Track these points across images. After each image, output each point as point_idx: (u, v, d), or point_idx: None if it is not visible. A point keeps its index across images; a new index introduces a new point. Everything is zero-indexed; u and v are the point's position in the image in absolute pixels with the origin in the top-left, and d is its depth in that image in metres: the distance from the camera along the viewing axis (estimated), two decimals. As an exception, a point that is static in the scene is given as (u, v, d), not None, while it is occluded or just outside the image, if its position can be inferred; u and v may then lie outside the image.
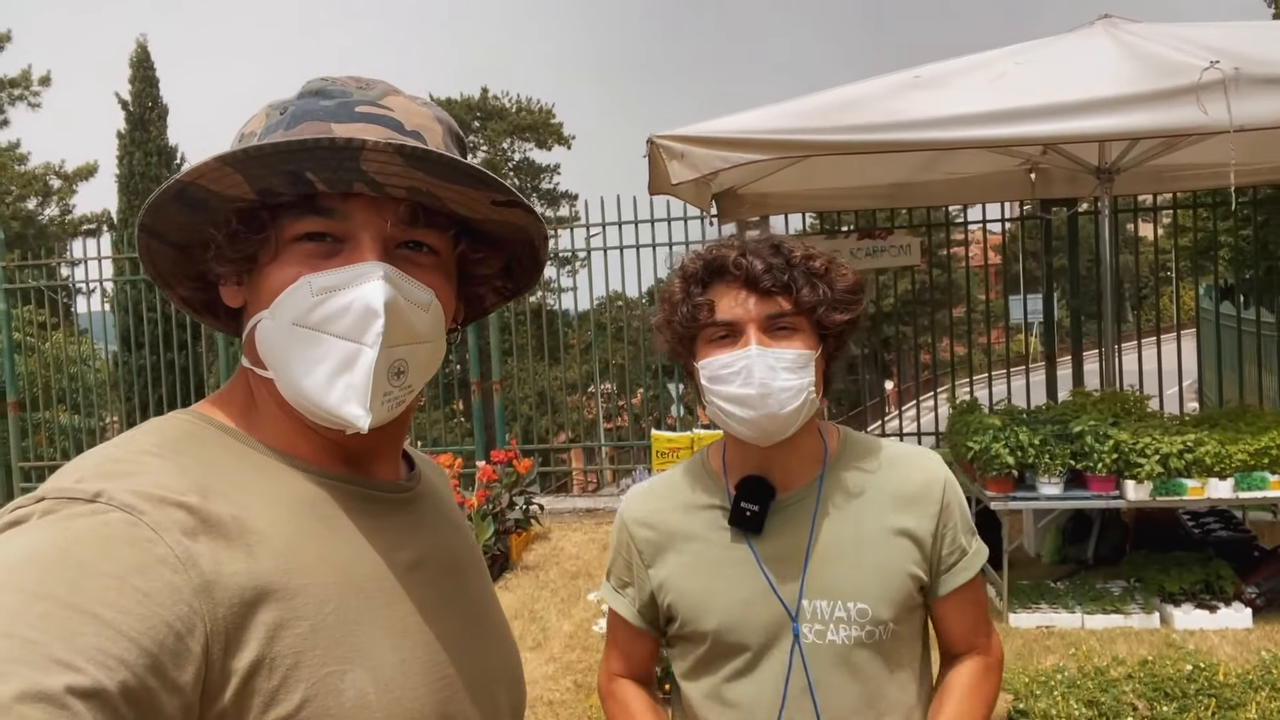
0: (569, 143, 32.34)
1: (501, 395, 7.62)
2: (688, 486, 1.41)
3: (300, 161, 0.71)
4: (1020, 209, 7.50)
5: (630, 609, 1.42)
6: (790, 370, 1.24)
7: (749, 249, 1.28)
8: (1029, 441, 4.29)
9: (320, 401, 0.75)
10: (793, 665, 1.28)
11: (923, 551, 1.32)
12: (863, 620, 1.28)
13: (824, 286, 1.27)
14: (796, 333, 1.27)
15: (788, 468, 1.34)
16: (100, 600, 0.58)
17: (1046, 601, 4.52)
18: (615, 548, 1.45)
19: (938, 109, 3.93)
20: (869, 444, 1.41)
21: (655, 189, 4.56)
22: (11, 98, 23.61)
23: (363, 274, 0.75)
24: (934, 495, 1.33)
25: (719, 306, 1.27)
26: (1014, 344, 8.85)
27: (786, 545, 1.31)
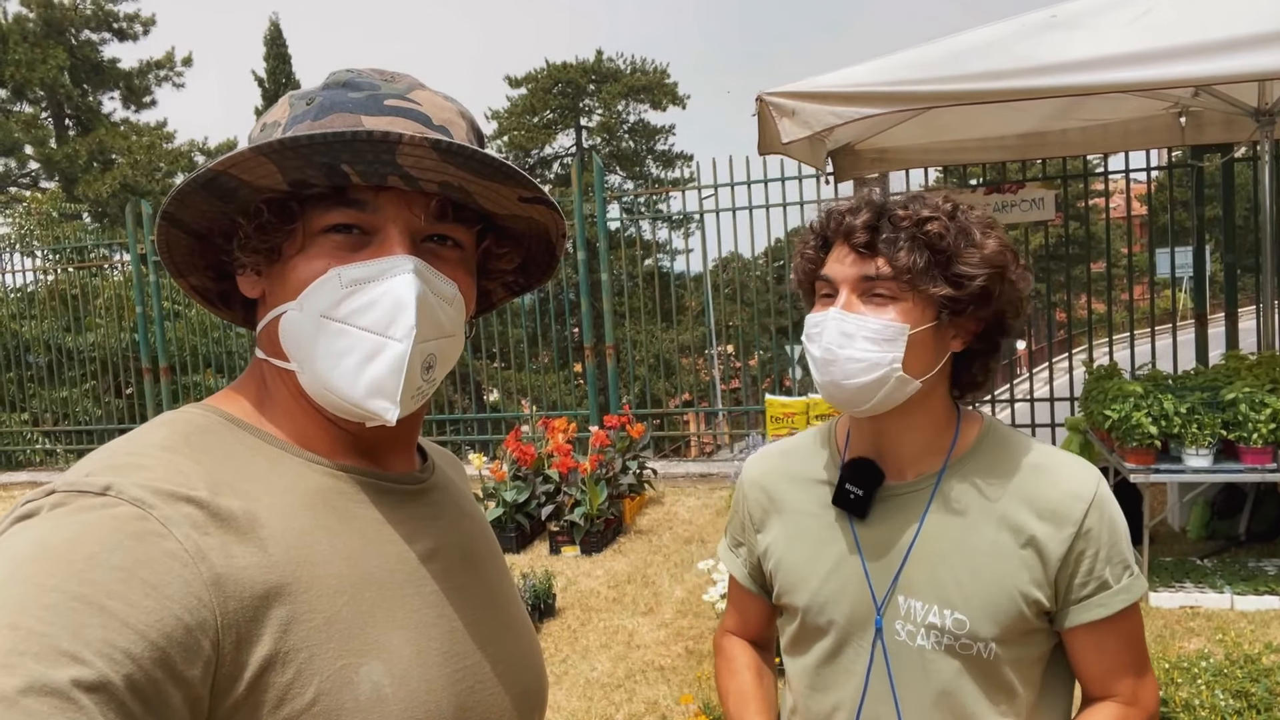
0: (684, 103, 32.00)
1: (615, 359, 7.65)
2: (807, 455, 1.36)
3: (336, 153, 0.71)
4: (1168, 156, 6.94)
5: (741, 570, 1.41)
6: (871, 341, 1.14)
7: (863, 204, 1.18)
8: (1174, 410, 3.98)
9: (348, 394, 0.75)
10: (874, 660, 1.21)
11: (1046, 573, 1.16)
12: (958, 632, 1.17)
13: (929, 253, 1.13)
14: (894, 302, 1.15)
15: (900, 453, 1.24)
16: (107, 593, 0.58)
17: (1192, 580, 4.23)
18: (733, 505, 1.43)
19: (1076, 51, 3.62)
20: (1013, 442, 1.25)
21: (765, 149, 4.41)
22: (158, 79, 25.15)
23: (393, 267, 0.75)
24: (1073, 515, 1.15)
25: (827, 262, 1.21)
26: (1160, 301, 8.26)
27: (890, 535, 1.23)
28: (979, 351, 1.23)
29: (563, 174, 30.90)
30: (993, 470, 1.21)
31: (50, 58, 22.63)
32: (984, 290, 1.15)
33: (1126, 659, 1.20)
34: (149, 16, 24.76)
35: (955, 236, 1.15)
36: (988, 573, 1.17)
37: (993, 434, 1.26)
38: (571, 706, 3.65)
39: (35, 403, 9.86)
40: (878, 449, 1.25)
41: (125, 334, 9.54)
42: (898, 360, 1.14)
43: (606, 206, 7.68)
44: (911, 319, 1.15)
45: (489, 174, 0.76)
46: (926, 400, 1.21)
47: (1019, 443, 1.25)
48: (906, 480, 1.24)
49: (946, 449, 1.24)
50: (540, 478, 5.87)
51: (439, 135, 0.76)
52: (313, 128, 0.74)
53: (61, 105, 24.39)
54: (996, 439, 1.25)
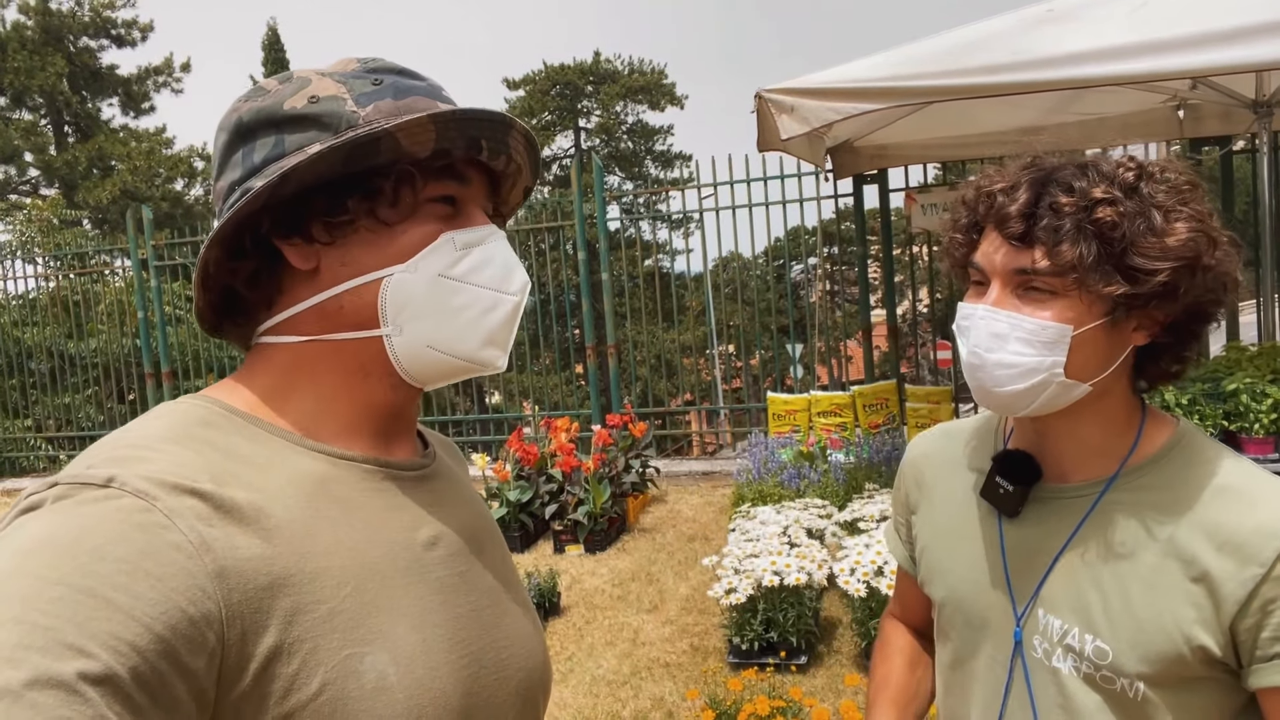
0: (682, 103, 32.01)
1: (617, 360, 7.66)
2: (969, 439, 1.24)
3: (481, 129, 0.80)
4: (1166, 149, 6.95)
5: (902, 551, 1.33)
6: (1026, 344, 0.99)
7: (1027, 179, 1.01)
8: (1175, 401, 3.99)
9: (461, 347, 0.82)
10: (1014, 676, 1.09)
11: (1219, 617, 0.96)
12: (1099, 662, 1.02)
13: (1097, 244, 0.96)
14: (1055, 298, 0.99)
15: (1063, 453, 1.09)
16: (113, 585, 0.58)
17: (1195, 572, 4.23)
18: (896, 483, 1.34)
19: (1073, 44, 3.64)
20: (1207, 456, 1.05)
21: (764, 145, 4.42)
22: (156, 85, 25.16)
23: (492, 233, 0.85)
24: (1264, 553, 0.94)
25: (980, 247, 1.06)
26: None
27: (1039, 540, 1.09)
28: (1170, 344, 1.05)
29: (562, 175, 30.90)
30: (1174, 486, 1.03)
31: (49, 65, 22.66)
32: (1167, 286, 0.96)
33: None
34: (147, 22, 24.80)
35: (1133, 222, 0.96)
36: (1142, 602, 1.00)
37: (1185, 442, 1.07)
38: (578, 704, 3.66)
39: (38, 409, 9.88)
40: (1038, 445, 1.11)
41: (127, 339, 9.55)
42: (1059, 365, 0.99)
43: (606, 207, 7.69)
44: (1076, 318, 0.99)
45: (537, 170, 0.90)
46: (1101, 399, 1.05)
47: (1215, 457, 1.04)
48: (1069, 483, 1.09)
49: (1123, 454, 1.07)
50: (544, 477, 5.88)
51: None
52: (399, 108, 0.79)
53: (61, 112, 24.42)
54: (1187, 449, 1.06)
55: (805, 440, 5.81)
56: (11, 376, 9.73)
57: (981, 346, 1.02)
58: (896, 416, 6.36)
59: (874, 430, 6.24)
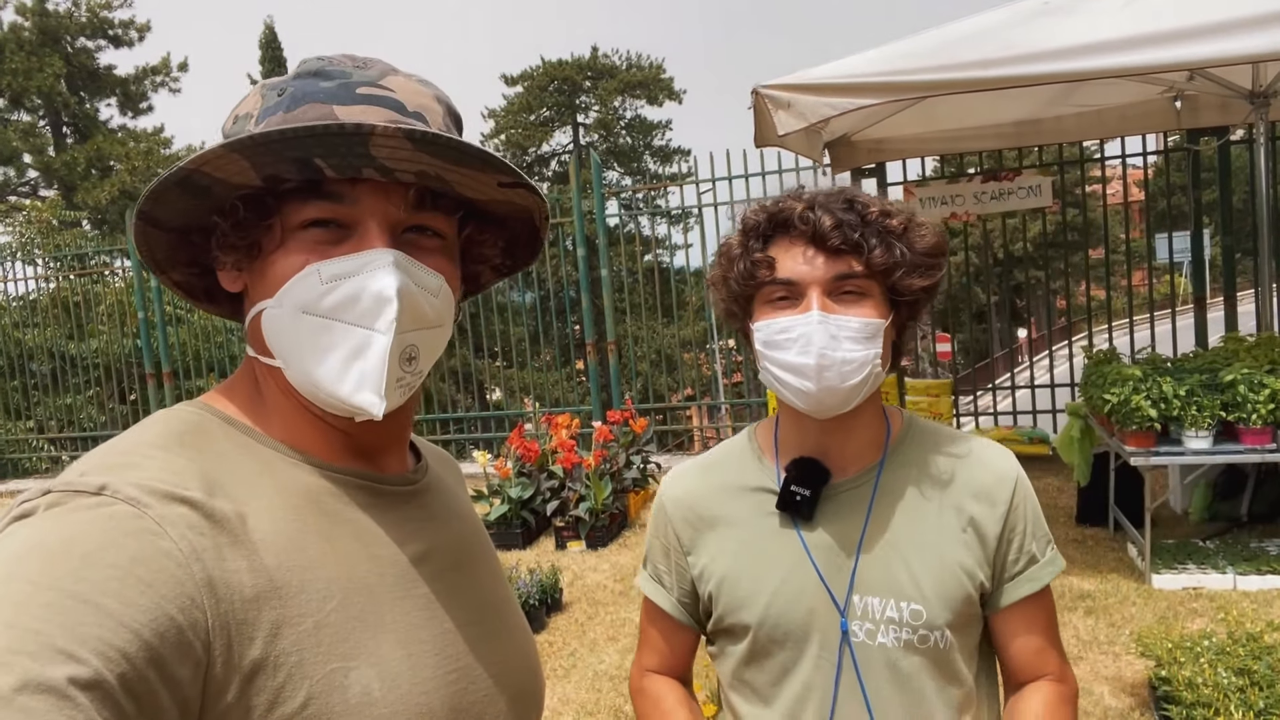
0: (680, 98, 31.98)
1: (617, 355, 7.67)
2: (733, 466, 1.30)
3: (309, 148, 0.70)
4: (1164, 140, 6.95)
5: (669, 599, 1.32)
6: (855, 340, 1.12)
7: (818, 202, 1.14)
8: (1174, 393, 4.00)
9: (333, 390, 0.75)
10: (843, 665, 1.17)
11: (985, 552, 1.18)
12: (915, 623, 1.15)
13: (901, 247, 1.12)
14: (865, 298, 1.13)
15: (844, 450, 1.22)
16: (103, 591, 0.58)
17: (1194, 561, 4.25)
18: (652, 531, 1.35)
19: (1069, 38, 3.64)
20: (937, 431, 1.27)
21: (762, 141, 4.43)
22: (154, 85, 25.14)
23: (372, 261, 0.74)
24: (1003, 495, 1.19)
25: (780, 264, 1.14)
26: (1160, 286, 8.26)
27: (838, 534, 1.20)
28: (897, 342, 1.23)
29: (561, 171, 30.88)
30: (926, 457, 1.22)
31: (47, 66, 22.65)
32: (940, 281, 1.17)
33: (1052, 636, 1.23)
34: (144, 23, 24.78)
35: (910, 227, 1.15)
36: (936, 559, 1.17)
37: (916, 425, 1.28)
38: (581, 699, 3.67)
39: (40, 410, 9.89)
40: (823, 448, 1.22)
41: (128, 340, 9.56)
42: (878, 355, 1.14)
43: (605, 203, 7.70)
44: (883, 311, 1.15)
45: (466, 161, 0.75)
46: (872, 396, 1.20)
47: (940, 429, 1.28)
48: (849, 476, 1.22)
49: (882, 442, 1.24)
50: (545, 474, 5.89)
51: (413, 123, 0.75)
52: (285, 120, 0.73)
53: (59, 113, 24.41)
54: (921, 428, 1.27)
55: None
56: (13, 378, 9.74)
57: (827, 348, 1.11)
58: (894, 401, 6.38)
59: (874, 424, 6.26)
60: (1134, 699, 3.27)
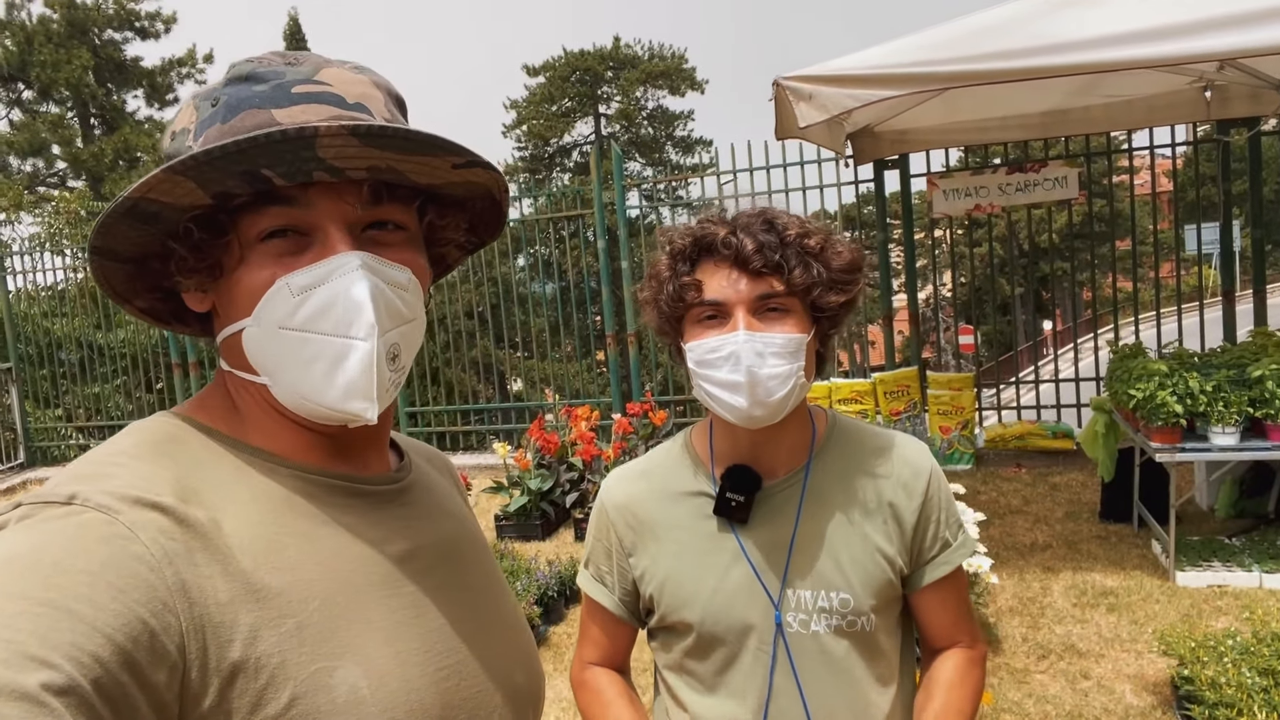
0: (702, 88, 31.84)
1: (638, 347, 7.67)
2: (671, 471, 1.37)
3: (253, 159, 0.68)
4: (1194, 131, 6.84)
5: (610, 598, 1.39)
6: (779, 356, 1.19)
7: (740, 225, 1.21)
8: (1200, 388, 3.95)
9: (322, 400, 0.74)
10: (777, 655, 1.26)
11: (904, 539, 1.29)
12: (844, 610, 1.25)
13: (819, 266, 1.20)
14: (788, 315, 1.21)
15: (775, 455, 1.30)
16: (75, 596, 0.58)
17: (1219, 559, 4.20)
18: (594, 533, 1.41)
19: (1098, 28, 3.59)
20: (857, 430, 1.36)
21: (783, 133, 4.40)
22: (180, 76, 25.34)
23: (339, 266, 0.72)
24: (918, 486, 1.30)
25: (707, 286, 1.22)
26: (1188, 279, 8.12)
27: (772, 534, 1.28)
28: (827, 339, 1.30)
29: (582, 162, 30.85)
30: (849, 456, 1.32)
31: (75, 58, 22.89)
32: (857, 296, 1.25)
33: (964, 609, 1.36)
34: (170, 15, 24.97)
35: (827, 246, 1.22)
36: (859, 549, 1.27)
37: (838, 423, 1.36)
38: (598, 690, 3.69)
39: (68, 399, 10.04)
40: (754, 454, 1.29)
41: (154, 330, 9.67)
42: (801, 368, 1.21)
43: (626, 194, 7.69)
44: (805, 326, 1.22)
45: (415, 149, 0.73)
46: (798, 405, 1.27)
47: (860, 428, 1.37)
48: (779, 478, 1.30)
49: (808, 444, 1.32)
50: (564, 465, 5.91)
51: (355, 115, 0.74)
52: (223, 131, 0.71)
53: (87, 105, 24.67)
54: (842, 428, 1.36)
55: (825, 428, 5.79)
56: (42, 367, 9.88)
57: (755, 365, 1.18)
58: (918, 403, 6.33)
59: (895, 417, 6.22)
60: (1156, 698, 3.24)
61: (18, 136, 23.07)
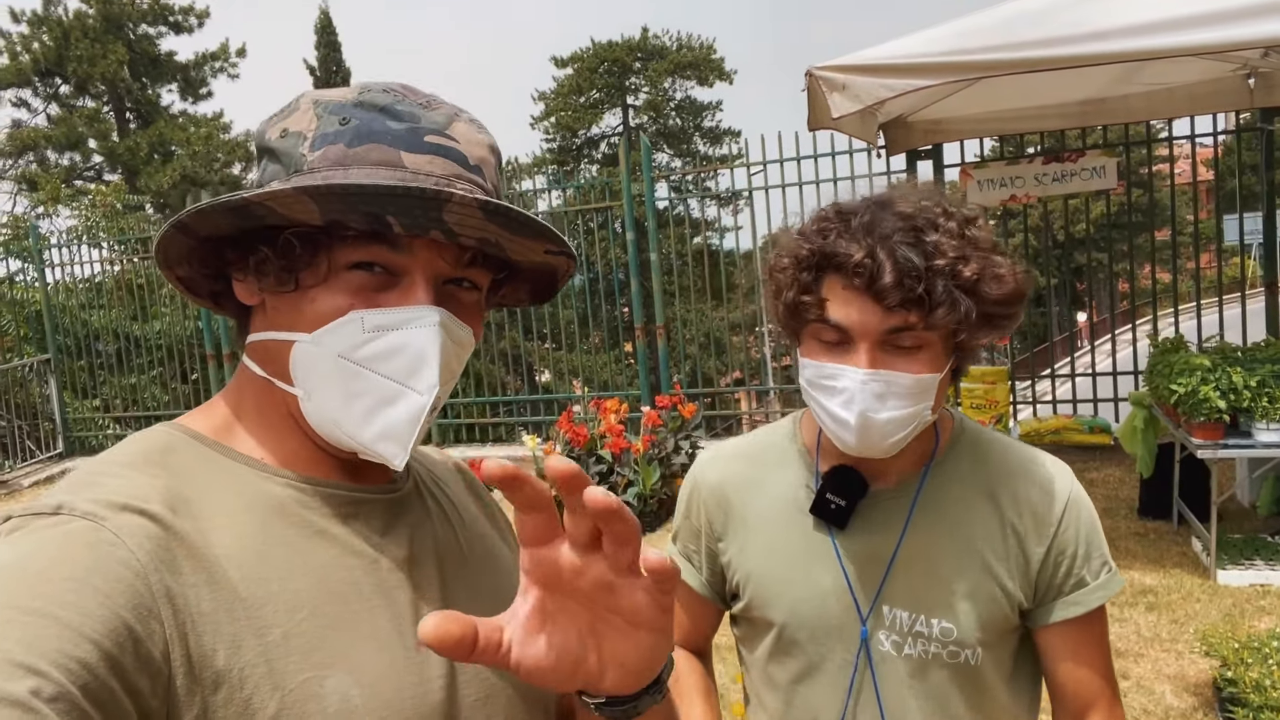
0: (731, 78, 31.66)
1: (666, 339, 7.65)
2: (773, 459, 1.26)
3: (383, 204, 0.69)
4: (1236, 119, 6.69)
5: (697, 577, 1.31)
6: (903, 398, 1.05)
7: (880, 240, 1.03)
8: (1244, 383, 3.86)
9: (356, 435, 0.75)
10: (858, 671, 1.15)
11: (1027, 572, 1.14)
12: (945, 639, 1.13)
13: (968, 303, 1.03)
14: (921, 351, 1.06)
15: (888, 463, 1.17)
16: (60, 603, 0.58)
17: (1262, 558, 4.11)
18: (683, 510, 1.32)
19: (1137, 14, 3.51)
20: (988, 441, 1.22)
21: (815, 124, 4.35)
22: (213, 70, 25.60)
23: (419, 318, 0.74)
24: (1051, 513, 1.14)
25: (831, 306, 1.06)
26: (1228, 270, 7.96)
27: (873, 543, 1.17)
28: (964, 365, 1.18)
29: (610, 154, 30.83)
30: (972, 472, 1.18)
31: (110, 52, 23.19)
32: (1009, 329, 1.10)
33: (1100, 664, 1.16)
34: (203, 9, 25.21)
35: (984, 272, 1.04)
36: (972, 576, 1.13)
37: (966, 433, 1.22)
38: (628, 684, 3.68)
39: (105, 389, 10.20)
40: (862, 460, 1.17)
41: (189, 321, 9.80)
42: (929, 406, 1.08)
43: (654, 186, 7.65)
44: (939, 364, 1.08)
45: (526, 232, 0.75)
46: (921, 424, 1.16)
47: (992, 441, 1.22)
48: (889, 485, 1.18)
49: (928, 453, 1.19)
50: (593, 458, 5.91)
51: (473, 178, 0.76)
52: (346, 156, 0.73)
53: (122, 99, 25.00)
54: (971, 439, 1.22)
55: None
56: (80, 358, 10.05)
57: (869, 410, 1.05)
58: (951, 397, 6.26)
59: (927, 411, 6.16)
60: (1197, 699, 3.18)
61: (55, 131, 23.44)
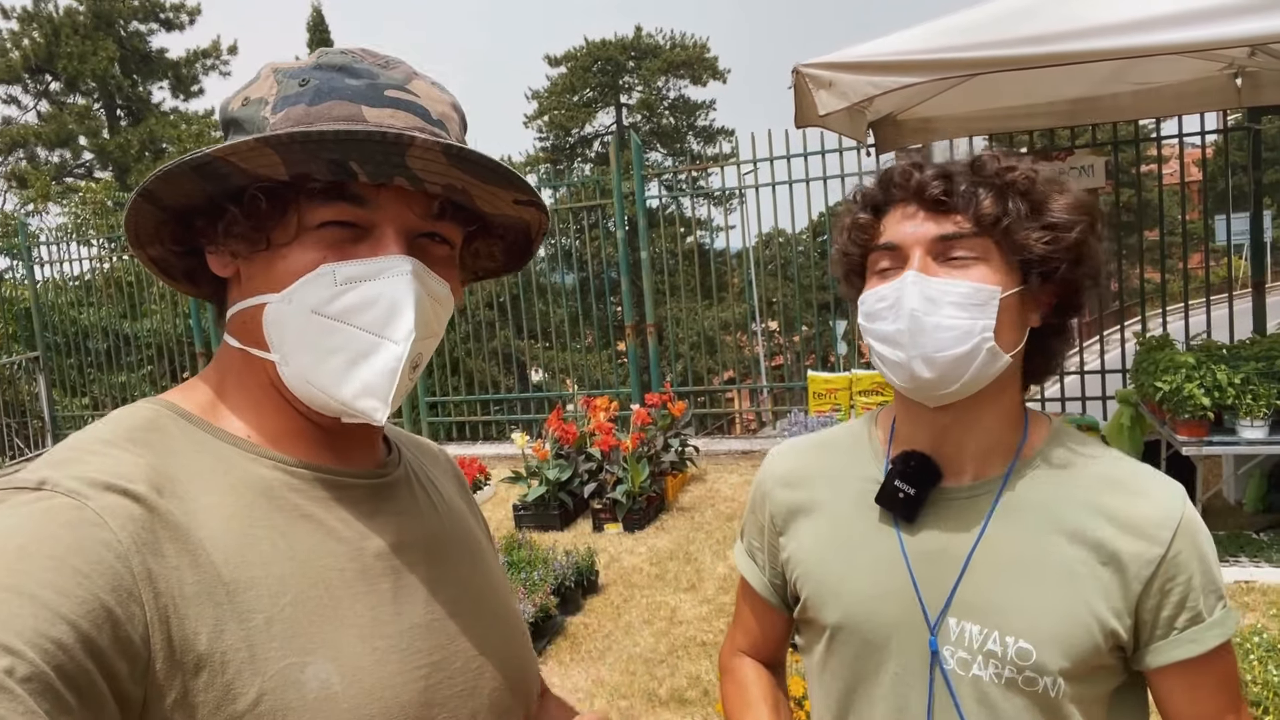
0: (724, 77, 31.67)
1: (657, 337, 7.65)
2: (843, 450, 1.18)
3: (346, 151, 0.69)
4: (1224, 119, 6.72)
5: (760, 579, 1.24)
6: (958, 306, 0.97)
7: (934, 161, 1.03)
8: (1228, 381, 3.88)
9: (334, 393, 0.74)
10: (934, 693, 1.03)
11: (1126, 598, 0.98)
12: (1022, 663, 0.99)
13: (1018, 201, 0.98)
14: (979, 262, 0.99)
15: (963, 449, 1.06)
16: (38, 582, 0.58)
17: (1247, 554, 4.13)
18: (750, 504, 1.25)
19: (1127, 12, 3.51)
20: (1088, 448, 1.07)
21: (802, 121, 4.35)
22: (204, 68, 25.52)
23: (391, 267, 0.74)
24: (1160, 535, 0.98)
25: (885, 228, 1.04)
26: (1217, 269, 7.99)
27: (944, 544, 1.05)
28: (1051, 331, 1.07)
29: (603, 152, 30.81)
30: (1067, 478, 1.04)
31: (101, 49, 23.10)
32: (1079, 243, 1.00)
33: (1222, 704, 1.02)
34: (195, 6, 25.13)
35: (1043, 184, 1.00)
36: (1058, 595, 0.99)
37: (1063, 436, 1.09)
38: (615, 681, 3.69)
39: (95, 387, 10.16)
40: (936, 444, 1.07)
41: (180, 320, 9.77)
42: (990, 328, 0.97)
43: (646, 184, 7.65)
44: (1001, 281, 0.99)
45: (492, 179, 0.75)
46: (1001, 392, 1.05)
47: (1094, 449, 1.07)
48: (965, 483, 1.06)
49: (1013, 449, 1.07)
50: (583, 456, 5.91)
51: (439, 131, 0.75)
52: (309, 114, 0.72)
53: (113, 96, 24.90)
54: (1068, 440, 1.08)
55: (846, 419, 5.76)
56: (69, 355, 10.01)
57: (920, 310, 0.98)
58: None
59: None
60: (1181, 695, 3.19)
61: (45, 128, 23.33)
